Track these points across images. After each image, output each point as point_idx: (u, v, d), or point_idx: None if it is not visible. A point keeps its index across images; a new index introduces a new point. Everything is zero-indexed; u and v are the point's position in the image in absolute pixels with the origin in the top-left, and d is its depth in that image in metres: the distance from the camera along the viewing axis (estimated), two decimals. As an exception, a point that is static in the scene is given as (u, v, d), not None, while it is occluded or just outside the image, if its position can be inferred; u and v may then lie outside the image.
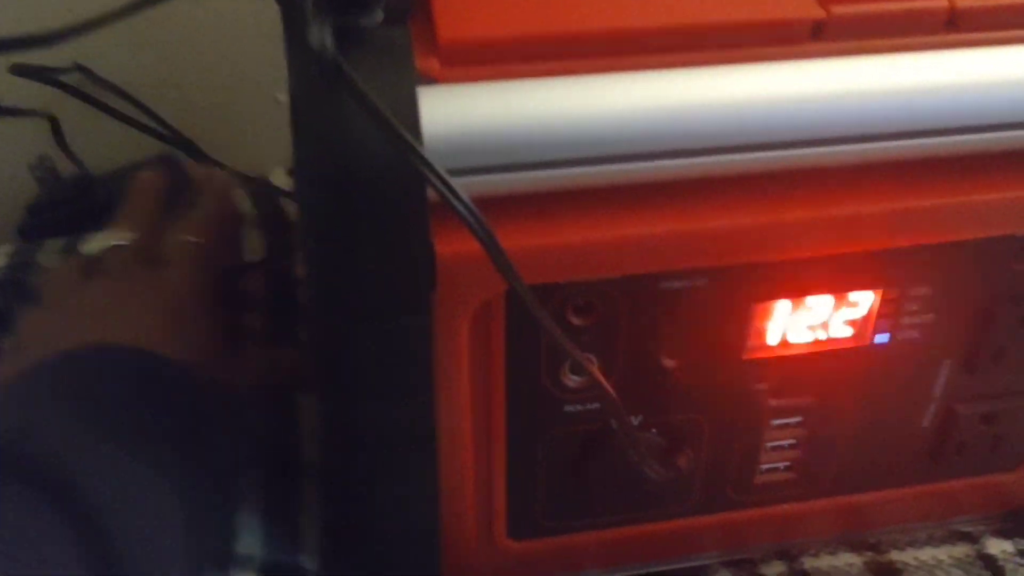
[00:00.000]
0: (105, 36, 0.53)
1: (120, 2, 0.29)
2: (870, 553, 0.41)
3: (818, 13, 0.27)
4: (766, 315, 0.33)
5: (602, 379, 0.29)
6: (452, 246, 0.27)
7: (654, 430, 0.35)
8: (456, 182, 0.24)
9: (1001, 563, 0.41)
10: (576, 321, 0.31)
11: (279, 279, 0.47)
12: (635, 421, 0.34)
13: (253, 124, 0.59)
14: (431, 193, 0.25)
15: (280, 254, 0.50)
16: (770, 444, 0.36)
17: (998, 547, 0.41)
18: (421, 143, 0.24)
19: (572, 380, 0.33)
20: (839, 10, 0.27)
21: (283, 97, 0.58)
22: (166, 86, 0.57)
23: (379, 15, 0.25)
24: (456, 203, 0.23)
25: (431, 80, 0.26)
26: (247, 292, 0.46)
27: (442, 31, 0.26)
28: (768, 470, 0.37)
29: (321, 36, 0.23)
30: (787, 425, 0.36)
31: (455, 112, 0.25)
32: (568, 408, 0.33)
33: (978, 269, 0.33)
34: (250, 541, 0.38)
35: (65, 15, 0.27)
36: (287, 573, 0.37)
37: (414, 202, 0.25)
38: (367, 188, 0.25)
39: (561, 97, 0.25)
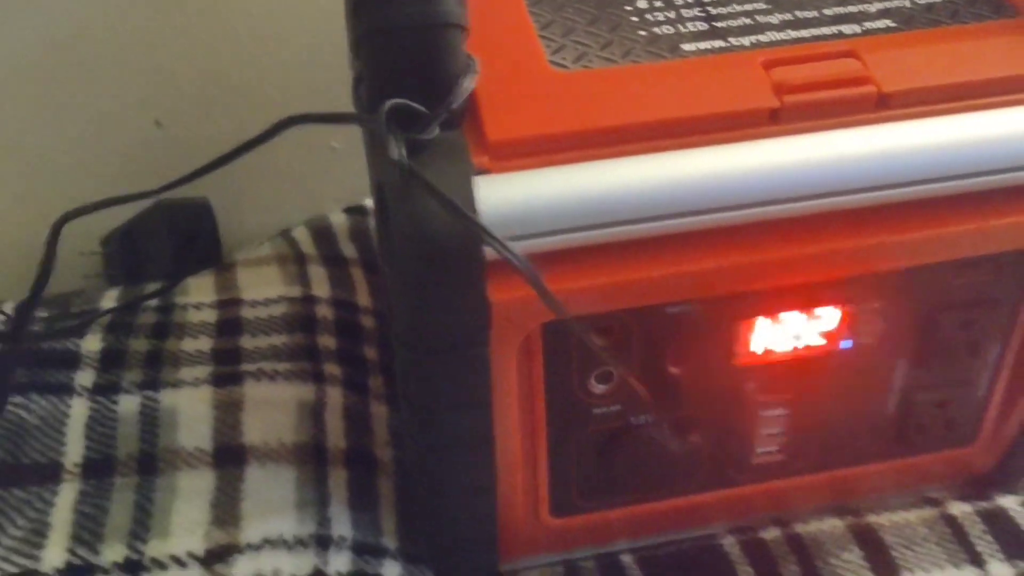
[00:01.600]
0: (179, 96, 0.62)
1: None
2: (851, 517, 0.49)
3: (774, 103, 0.35)
4: (750, 330, 0.41)
5: (635, 382, 0.37)
6: (503, 294, 0.35)
7: (664, 426, 0.43)
8: (512, 245, 0.33)
9: (960, 521, 0.49)
10: (599, 341, 0.40)
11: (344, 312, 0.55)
12: (648, 419, 0.43)
13: (312, 168, 0.67)
14: (487, 254, 0.34)
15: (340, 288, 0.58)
16: (763, 432, 0.45)
17: (959, 508, 0.49)
18: (479, 218, 0.33)
19: (598, 388, 0.41)
20: (790, 99, 0.35)
21: (337, 144, 0.67)
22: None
23: (435, 131, 0.33)
24: (515, 261, 0.32)
25: (485, 171, 0.34)
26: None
27: (489, 134, 0.34)
28: (762, 453, 0.45)
29: (397, 150, 0.32)
30: (775, 416, 0.44)
31: (502, 194, 0.33)
32: (596, 411, 0.42)
33: (922, 287, 0.41)
34: (341, 526, 0.46)
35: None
36: (373, 551, 0.46)
37: (473, 264, 0.34)
38: (439, 256, 0.33)
39: (581, 178, 0.33)
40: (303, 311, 0.55)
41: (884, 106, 0.36)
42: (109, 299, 0.56)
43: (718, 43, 0.38)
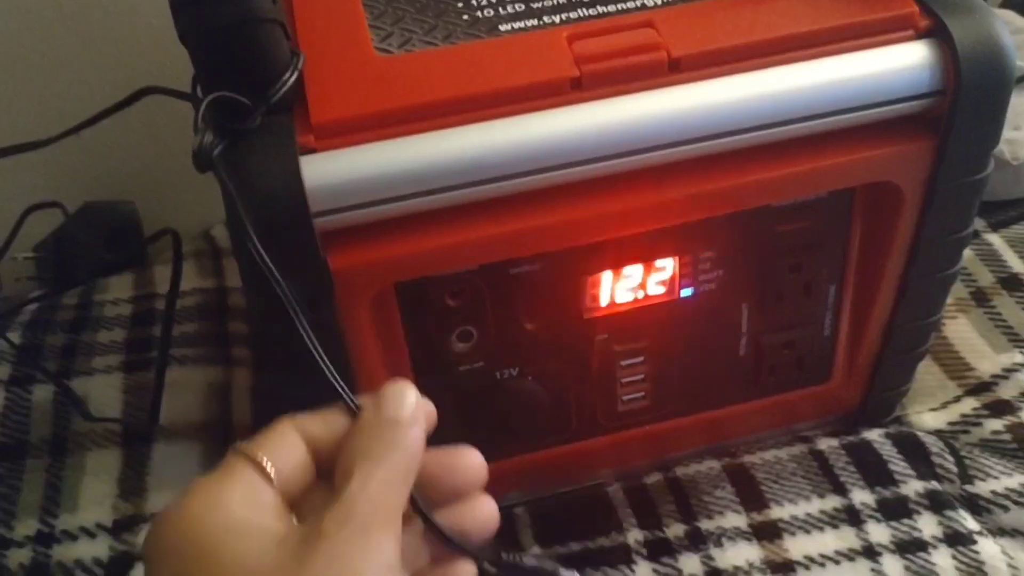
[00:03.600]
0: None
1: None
2: (728, 459, 0.52)
3: (575, 72, 0.39)
4: (595, 284, 0.45)
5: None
6: (341, 260, 0.39)
7: (530, 378, 0.47)
8: (336, 218, 0.37)
9: (827, 455, 0.52)
10: (452, 302, 0.43)
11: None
12: (513, 372, 0.46)
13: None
14: (319, 225, 0.37)
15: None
16: (623, 380, 0.48)
17: (826, 443, 0.53)
18: (304, 198, 0.36)
19: (459, 347, 0.45)
20: (589, 68, 0.39)
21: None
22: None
23: (257, 120, 0.36)
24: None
25: (311, 150, 0.37)
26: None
27: (314, 115, 0.38)
28: (628, 400, 0.49)
29: (201, 139, 0.35)
30: (633, 365, 0.48)
31: (328, 171, 0.37)
32: (461, 367, 0.45)
33: (751, 234, 0.45)
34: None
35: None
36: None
37: (305, 235, 0.37)
38: (270, 231, 0.37)
39: (400, 151, 0.37)
40: (215, 301, 0.59)
41: (676, 70, 0.39)
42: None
43: (532, 21, 0.41)
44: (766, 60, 0.39)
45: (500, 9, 0.42)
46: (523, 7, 0.42)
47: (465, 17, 0.42)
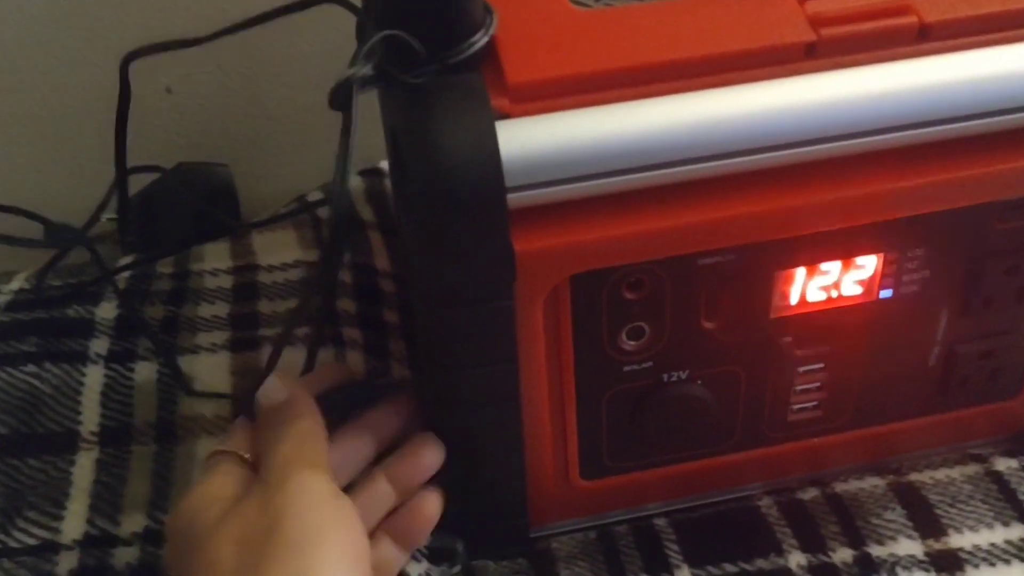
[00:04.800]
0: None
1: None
2: (892, 476, 0.47)
3: (811, 36, 0.33)
4: (787, 280, 0.39)
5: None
6: (528, 244, 0.33)
7: (700, 381, 0.42)
8: (528, 195, 0.32)
9: (1007, 477, 0.47)
10: (630, 296, 0.38)
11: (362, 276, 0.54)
12: (683, 375, 0.41)
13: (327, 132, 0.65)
14: (512, 201, 0.32)
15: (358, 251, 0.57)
16: (799, 387, 0.43)
17: (1005, 464, 0.47)
18: (501, 168, 0.31)
19: (628, 344, 0.40)
20: (828, 32, 0.33)
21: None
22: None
23: (426, 75, 0.31)
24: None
25: (505, 115, 0.32)
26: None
27: (509, 75, 0.32)
28: (799, 410, 0.44)
29: (353, 72, 0.30)
30: (812, 371, 0.42)
31: (526, 140, 0.32)
32: (626, 368, 0.40)
33: (965, 231, 0.39)
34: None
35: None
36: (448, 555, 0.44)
37: (496, 211, 0.32)
38: (458, 202, 0.31)
39: (609, 121, 0.32)
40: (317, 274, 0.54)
41: (926, 38, 0.34)
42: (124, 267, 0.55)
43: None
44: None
45: (705, -38, 0.37)
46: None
47: (666, -31, 0.37)
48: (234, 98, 0.62)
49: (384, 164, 0.63)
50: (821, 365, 0.42)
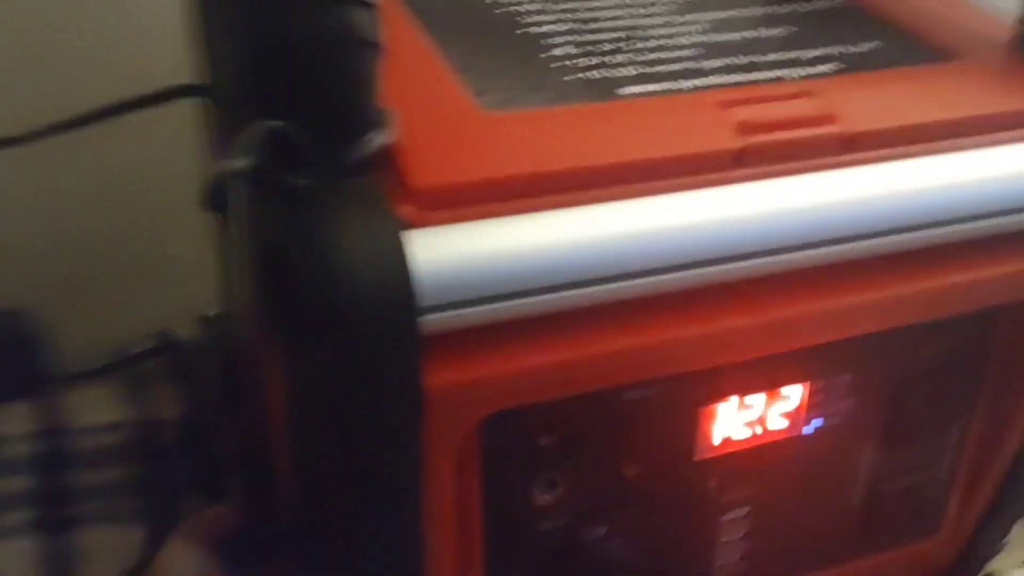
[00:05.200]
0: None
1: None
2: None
3: (737, 143, 0.31)
4: (711, 417, 0.35)
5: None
6: (440, 378, 0.28)
7: (619, 539, 0.36)
8: (440, 319, 0.26)
9: (932, 625, 0.44)
10: (544, 441, 0.33)
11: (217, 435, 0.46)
12: (600, 533, 0.36)
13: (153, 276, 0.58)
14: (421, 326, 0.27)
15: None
16: (722, 539, 0.38)
17: (927, 611, 0.44)
18: (411, 287, 0.26)
19: (542, 499, 0.34)
20: (755, 140, 0.31)
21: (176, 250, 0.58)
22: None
23: (318, 177, 0.26)
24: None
25: (408, 225, 0.27)
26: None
27: (412, 179, 0.28)
28: (722, 564, 0.39)
29: (231, 165, 0.25)
30: (737, 518, 0.38)
31: (442, 252, 0.27)
32: (541, 526, 0.35)
33: (890, 353, 0.37)
34: None
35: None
36: None
37: (408, 339, 0.26)
38: (367, 330, 0.26)
39: (540, 229, 0.27)
40: (150, 437, 0.46)
41: (850, 148, 0.32)
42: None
43: (658, 86, 0.33)
44: (946, 144, 0.33)
45: (612, 71, 0.34)
46: (639, 71, 0.34)
47: (571, 78, 0.33)
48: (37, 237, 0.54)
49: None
50: (745, 511, 0.38)
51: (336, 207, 0.26)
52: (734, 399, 0.35)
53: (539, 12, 0.38)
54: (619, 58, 0.35)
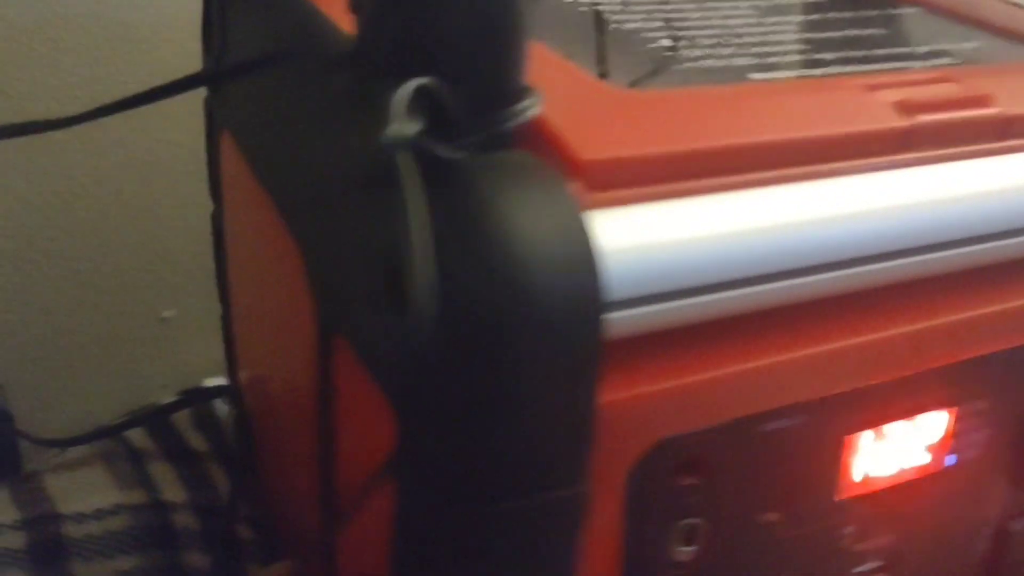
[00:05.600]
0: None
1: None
2: None
3: (902, 122, 0.27)
4: (852, 450, 0.31)
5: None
6: (616, 392, 0.23)
7: (752, 599, 0.31)
8: (628, 314, 0.21)
9: None
10: (686, 480, 0.28)
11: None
12: (735, 590, 0.31)
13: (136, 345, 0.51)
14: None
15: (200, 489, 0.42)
16: (851, 597, 0.34)
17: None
18: (598, 277, 0.21)
19: (681, 553, 0.29)
20: (920, 120, 0.27)
21: (169, 313, 0.51)
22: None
23: (463, 149, 0.22)
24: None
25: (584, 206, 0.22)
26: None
27: (584, 154, 0.23)
28: (849, 626, 0.34)
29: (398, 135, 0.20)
30: (868, 571, 0.33)
31: (628, 237, 0.22)
32: (675, 586, 0.29)
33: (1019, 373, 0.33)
34: None
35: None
36: None
37: (590, 342, 0.21)
38: (548, 331, 0.21)
39: (736, 211, 0.23)
40: (154, 522, 0.39)
41: (1007, 133, 0.29)
42: None
43: (785, 73, 0.30)
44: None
45: (727, 61, 0.30)
46: (754, 61, 0.31)
47: (688, 65, 0.30)
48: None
49: (212, 382, 0.50)
50: (879, 563, 0.34)
51: (503, 182, 0.21)
52: (882, 427, 0.31)
53: (622, 11, 0.35)
54: (726, 51, 0.32)
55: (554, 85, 0.26)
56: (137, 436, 0.45)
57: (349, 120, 0.24)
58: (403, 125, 0.20)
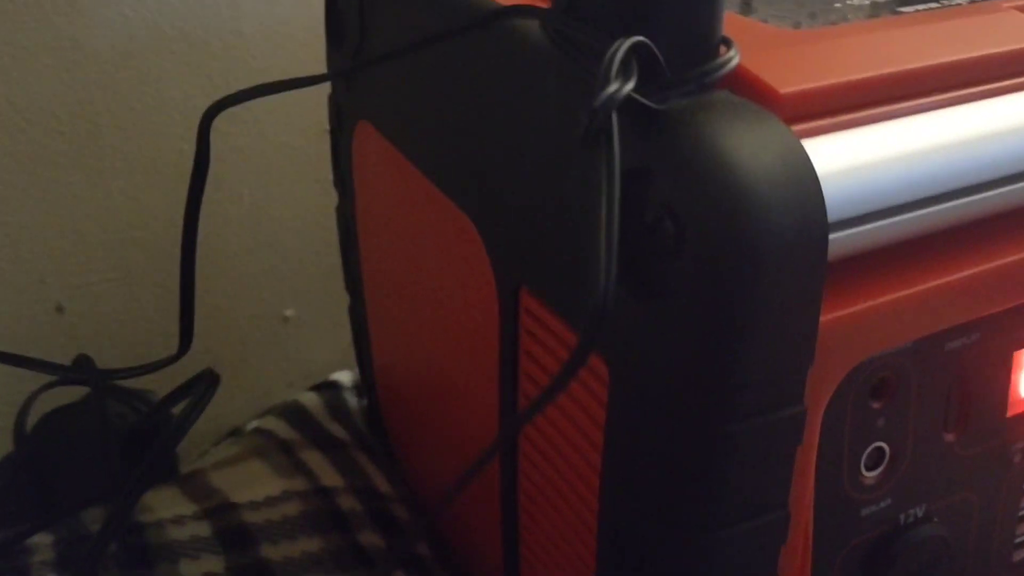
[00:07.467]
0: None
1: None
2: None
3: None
4: (1021, 366, 0.32)
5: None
6: (837, 309, 0.24)
7: (936, 519, 0.32)
8: (846, 234, 0.23)
9: None
10: (875, 404, 0.29)
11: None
12: (919, 513, 0.32)
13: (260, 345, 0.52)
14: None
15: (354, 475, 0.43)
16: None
17: None
18: (823, 199, 0.22)
19: (869, 477, 0.30)
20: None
21: (291, 312, 0.53)
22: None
23: (665, 104, 0.23)
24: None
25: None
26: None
27: (785, 88, 0.24)
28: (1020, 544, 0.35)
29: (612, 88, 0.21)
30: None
31: (846, 161, 0.23)
32: (864, 511, 0.30)
33: None
34: None
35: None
36: None
37: (816, 262, 0.22)
38: (779, 252, 0.22)
39: (935, 130, 0.24)
40: (323, 506, 0.40)
41: None
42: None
43: (933, 4, 0.31)
44: None
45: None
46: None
47: (838, 5, 0.31)
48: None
49: (340, 376, 0.51)
50: (1049, 478, 0.34)
51: (723, 122, 0.22)
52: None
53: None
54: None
55: (729, 31, 0.28)
56: (282, 429, 0.46)
57: (549, 82, 0.25)
58: (617, 84, 0.21)
